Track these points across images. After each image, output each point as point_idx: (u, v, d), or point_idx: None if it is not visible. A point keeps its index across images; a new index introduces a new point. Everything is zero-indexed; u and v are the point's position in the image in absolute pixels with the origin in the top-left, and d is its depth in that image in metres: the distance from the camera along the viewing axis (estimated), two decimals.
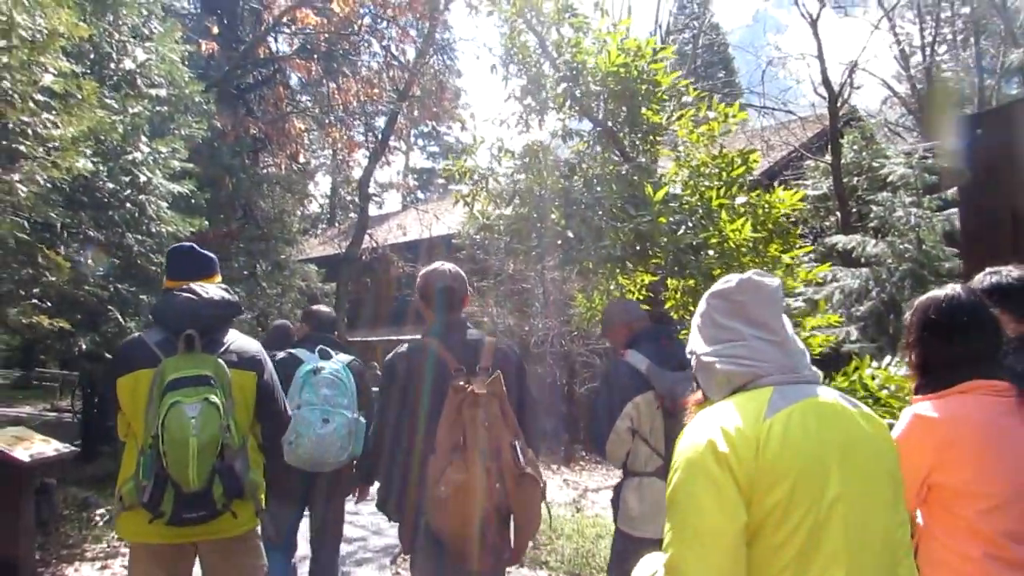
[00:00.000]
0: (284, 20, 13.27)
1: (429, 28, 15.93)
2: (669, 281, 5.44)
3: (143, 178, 6.80)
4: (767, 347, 1.56)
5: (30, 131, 5.12)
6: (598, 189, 4.65)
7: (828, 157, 13.82)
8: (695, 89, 5.25)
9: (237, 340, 2.86)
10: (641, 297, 5.15)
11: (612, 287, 5.51)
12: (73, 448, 5.23)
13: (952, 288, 2.10)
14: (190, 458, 2.38)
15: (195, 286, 2.77)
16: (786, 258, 4.79)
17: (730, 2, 58.35)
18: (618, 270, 5.16)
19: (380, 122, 18.93)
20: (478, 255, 13.67)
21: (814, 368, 1.61)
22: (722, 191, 4.50)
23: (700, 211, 4.48)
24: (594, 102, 5.15)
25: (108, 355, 6.61)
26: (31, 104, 5.05)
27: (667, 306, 5.15)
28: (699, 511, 1.41)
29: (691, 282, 5.26)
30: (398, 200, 33.62)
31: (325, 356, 3.88)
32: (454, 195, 6.28)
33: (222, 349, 2.75)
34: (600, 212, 4.53)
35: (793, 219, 4.78)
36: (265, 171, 15.13)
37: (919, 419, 2.04)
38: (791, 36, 45.84)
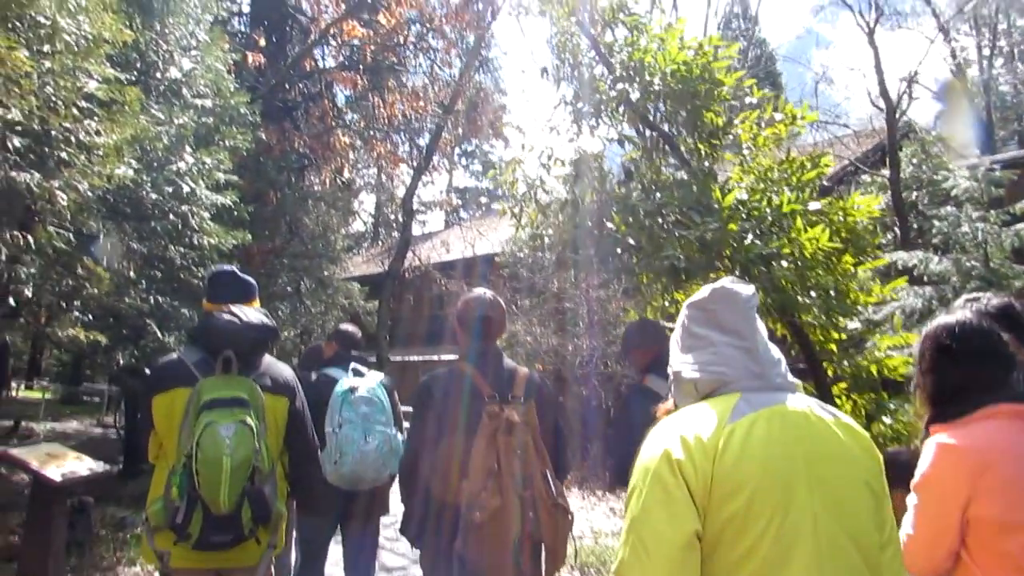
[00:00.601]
0: (331, 32, 13.27)
1: (475, 39, 15.83)
2: None
3: (186, 188, 6.71)
4: (736, 353, 1.54)
5: (72, 138, 5.04)
6: (658, 195, 4.34)
7: (885, 171, 13.30)
8: (759, 90, 4.94)
9: (272, 365, 2.90)
10: None
11: (667, 303, 5.18)
12: (107, 467, 5.07)
13: (962, 313, 2.08)
14: (223, 479, 2.36)
15: (235, 309, 2.80)
16: (862, 272, 4.44)
17: (776, 18, 57.74)
18: (673, 285, 4.85)
19: (424, 140, 18.90)
20: (522, 273, 13.45)
21: (791, 377, 1.58)
22: (793, 197, 4.16)
23: (769, 218, 4.13)
24: (652, 104, 4.86)
25: (148, 370, 6.50)
26: (74, 111, 4.98)
27: None
28: (647, 518, 1.39)
29: None
30: (441, 219, 33.70)
31: (358, 375, 3.89)
32: (500, 210, 6.07)
33: (257, 372, 2.77)
34: (660, 220, 4.23)
35: (872, 227, 4.41)
36: (310, 188, 15.15)
37: (946, 449, 1.91)
38: (838, 51, 45.12)
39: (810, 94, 24.06)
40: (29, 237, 4.75)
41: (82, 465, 4.75)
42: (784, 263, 4.04)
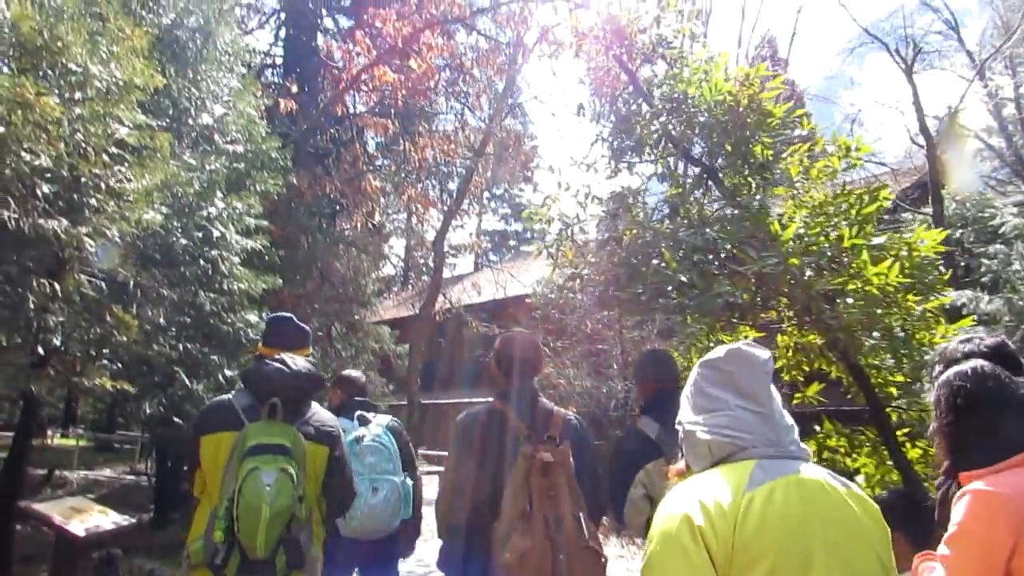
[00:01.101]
0: (362, 78, 13.41)
1: (506, 83, 15.90)
2: (780, 338, 4.82)
3: (217, 233, 6.63)
4: (752, 418, 1.53)
5: (103, 184, 4.96)
6: (707, 231, 4.10)
7: (926, 208, 12.95)
8: (809, 122, 4.73)
9: (317, 413, 2.92)
10: None
11: (712, 344, 4.92)
12: (133, 520, 4.89)
13: (976, 361, 2.04)
14: (261, 526, 2.42)
15: (286, 356, 2.84)
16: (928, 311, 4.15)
17: (804, 59, 57.83)
18: (720, 325, 4.60)
19: (454, 184, 18.98)
20: (553, 314, 13.25)
21: (802, 445, 1.56)
22: (853, 230, 3.90)
23: (828, 253, 3.88)
24: (695, 137, 4.67)
25: (176, 419, 6.34)
26: (104, 157, 4.90)
27: (776, 366, 4.51)
28: None
29: (811, 338, 4.62)
30: (470, 262, 33.71)
31: (364, 422, 3.87)
32: (535, 250, 5.91)
33: (302, 420, 2.80)
34: (710, 256, 4.00)
35: (938, 263, 4.14)
36: (341, 232, 15.18)
37: (983, 497, 1.81)
38: (867, 92, 44.80)
39: (843, 134, 23.74)
40: (57, 285, 4.64)
41: (107, 519, 4.60)
42: (849, 300, 3.78)
